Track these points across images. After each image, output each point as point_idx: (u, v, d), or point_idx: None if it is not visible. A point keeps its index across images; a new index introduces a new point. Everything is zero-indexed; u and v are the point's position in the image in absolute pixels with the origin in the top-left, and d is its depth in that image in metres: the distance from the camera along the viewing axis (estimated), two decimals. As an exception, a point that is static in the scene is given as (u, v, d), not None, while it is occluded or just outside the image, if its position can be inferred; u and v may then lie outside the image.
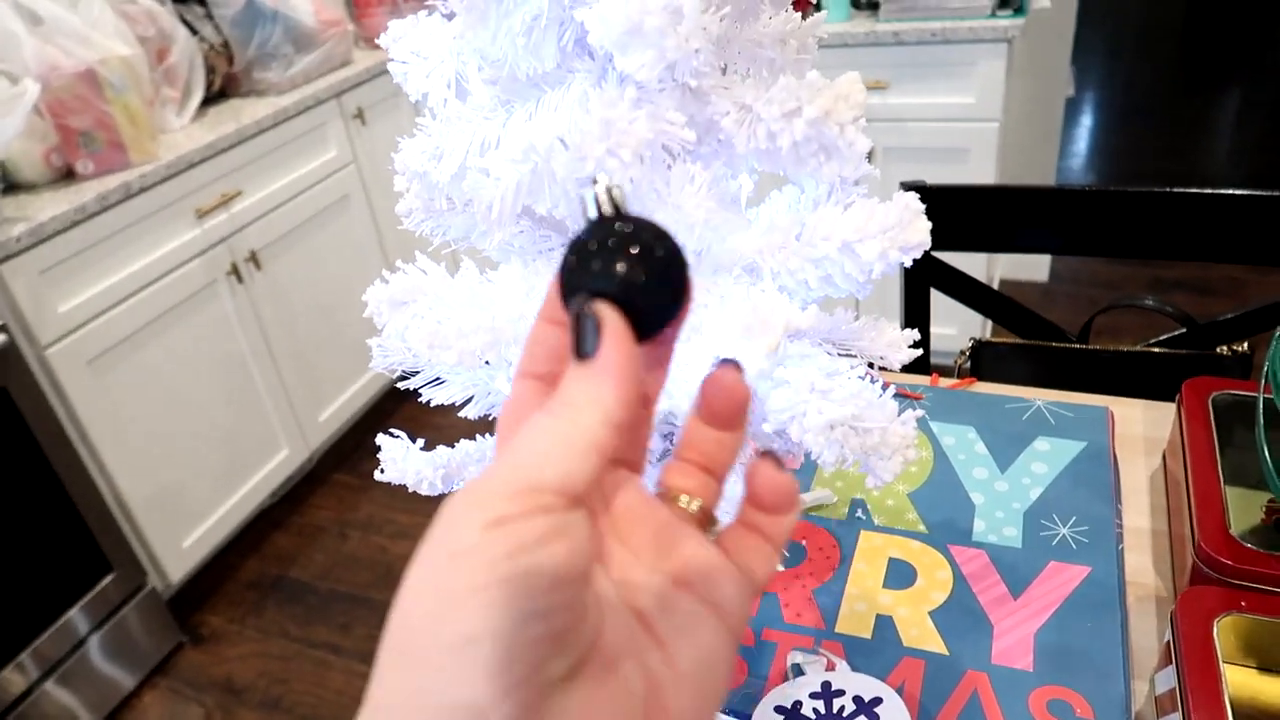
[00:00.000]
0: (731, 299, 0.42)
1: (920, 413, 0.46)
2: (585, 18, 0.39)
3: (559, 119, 0.42)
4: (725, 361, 0.28)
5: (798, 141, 0.40)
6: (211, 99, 2.10)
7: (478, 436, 0.53)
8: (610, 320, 0.24)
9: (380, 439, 0.51)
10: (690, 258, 0.42)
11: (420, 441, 0.51)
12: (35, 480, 1.57)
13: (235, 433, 1.99)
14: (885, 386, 0.47)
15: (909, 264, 0.45)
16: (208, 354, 1.90)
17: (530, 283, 0.46)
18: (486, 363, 0.44)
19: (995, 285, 2.56)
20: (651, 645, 0.25)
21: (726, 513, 0.29)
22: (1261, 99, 3.95)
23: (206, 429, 1.91)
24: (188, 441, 1.87)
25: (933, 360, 1.13)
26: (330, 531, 2.12)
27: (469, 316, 0.43)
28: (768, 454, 0.28)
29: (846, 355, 0.51)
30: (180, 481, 1.86)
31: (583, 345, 0.24)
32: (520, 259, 0.49)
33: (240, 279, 1.94)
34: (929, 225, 0.44)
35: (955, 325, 2.08)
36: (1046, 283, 2.69)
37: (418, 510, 2.14)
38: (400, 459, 0.49)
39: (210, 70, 2.08)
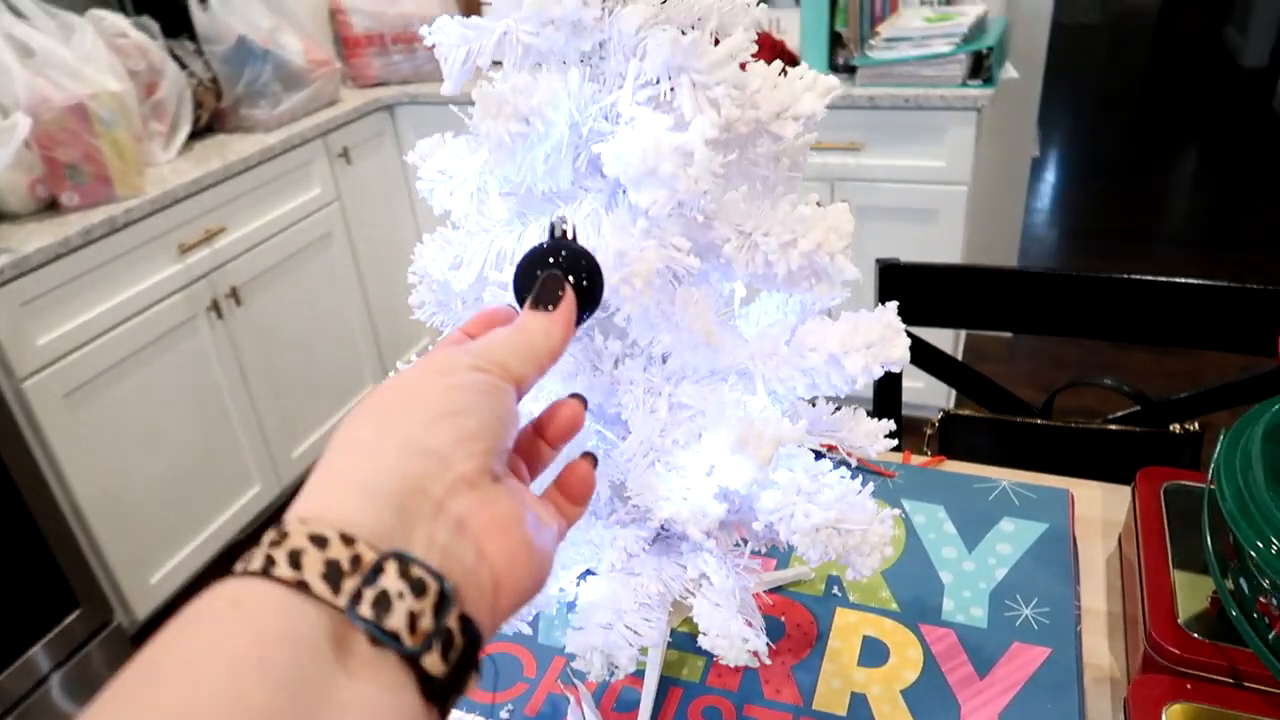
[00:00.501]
0: (726, 409, 0.45)
1: (896, 512, 0.49)
2: (602, 151, 0.43)
3: (572, 237, 0.45)
4: (586, 454, 0.39)
5: (793, 269, 0.44)
6: (198, 133, 2.12)
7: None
8: (567, 287, 0.37)
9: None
10: (691, 367, 0.46)
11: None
12: (4, 513, 1.56)
13: (208, 468, 1.98)
14: (861, 466, 0.51)
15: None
16: (184, 388, 1.90)
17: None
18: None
19: (963, 337, 2.63)
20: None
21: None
22: (1216, 163, 4.11)
23: (180, 463, 1.91)
24: (161, 476, 1.87)
25: (904, 411, 1.17)
26: (300, 568, 2.11)
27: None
28: (588, 455, 0.39)
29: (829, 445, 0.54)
30: (151, 516, 1.85)
31: (546, 298, 0.36)
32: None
33: (220, 314, 1.95)
34: (908, 342, 0.48)
35: (923, 380, 2.14)
36: (1012, 338, 2.76)
37: (389, 548, 2.13)
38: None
39: (198, 105, 2.10)
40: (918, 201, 2.02)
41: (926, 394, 2.16)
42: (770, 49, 2.12)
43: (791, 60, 2.18)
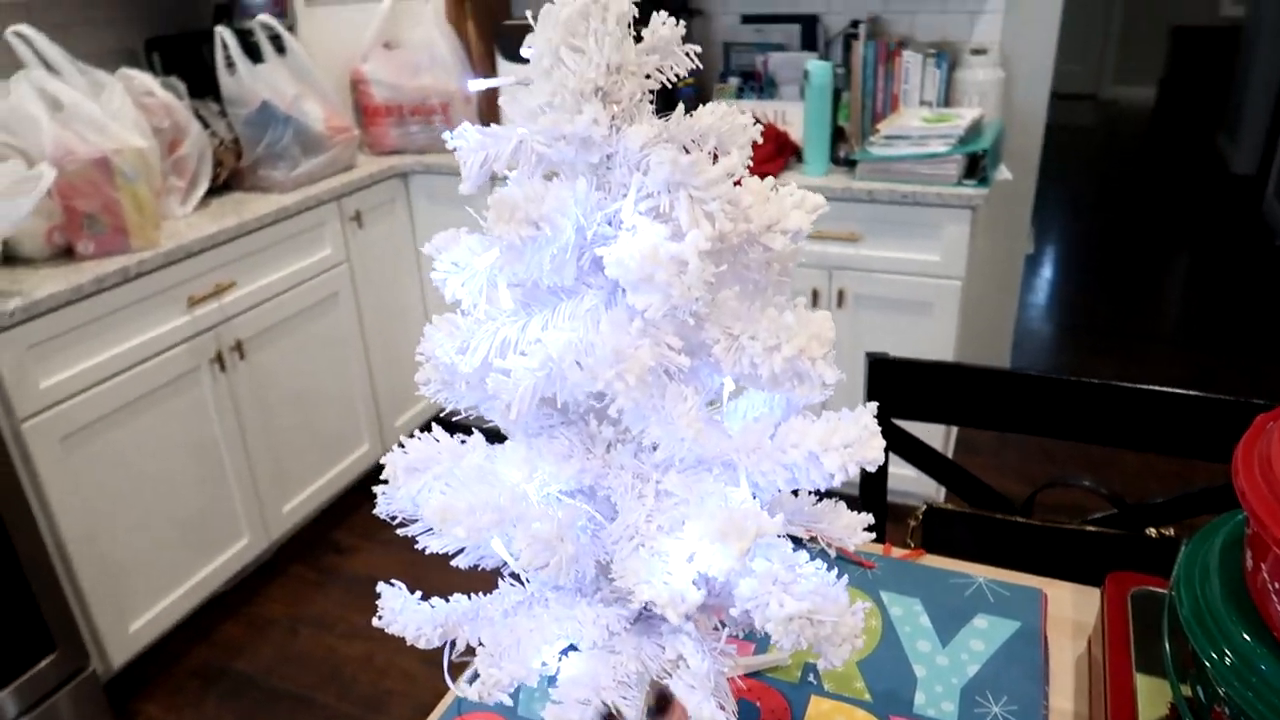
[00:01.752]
0: (709, 500, 0.48)
1: (868, 605, 0.52)
2: (604, 255, 0.47)
3: (573, 330, 0.48)
4: None
5: (776, 372, 0.47)
6: (216, 190, 2.19)
7: (472, 595, 0.57)
8: None
9: (380, 587, 0.56)
10: (678, 457, 0.48)
11: (418, 593, 0.56)
12: (-7, 556, 1.56)
13: (199, 517, 1.99)
14: (842, 556, 0.53)
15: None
16: (181, 438, 1.92)
17: (533, 463, 0.52)
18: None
19: (954, 430, 2.66)
20: None
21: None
22: (1206, 266, 4.20)
23: (170, 512, 1.92)
24: (150, 523, 1.87)
25: (891, 497, 1.19)
26: (281, 625, 2.10)
27: (478, 492, 0.49)
28: None
29: (809, 536, 0.57)
30: (136, 563, 1.85)
31: None
32: (524, 434, 0.55)
33: (223, 367, 1.98)
34: (883, 444, 0.51)
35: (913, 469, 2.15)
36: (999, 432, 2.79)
37: (371, 610, 2.12)
38: (398, 610, 0.54)
39: (218, 164, 2.17)
40: (913, 293, 2.07)
41: (916, 482, 2.18)
42: (774, 141, 2.20)
43: (794, 152, 2.26)
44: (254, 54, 2.20)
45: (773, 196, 0.51)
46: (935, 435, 2.23)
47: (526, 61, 0.48)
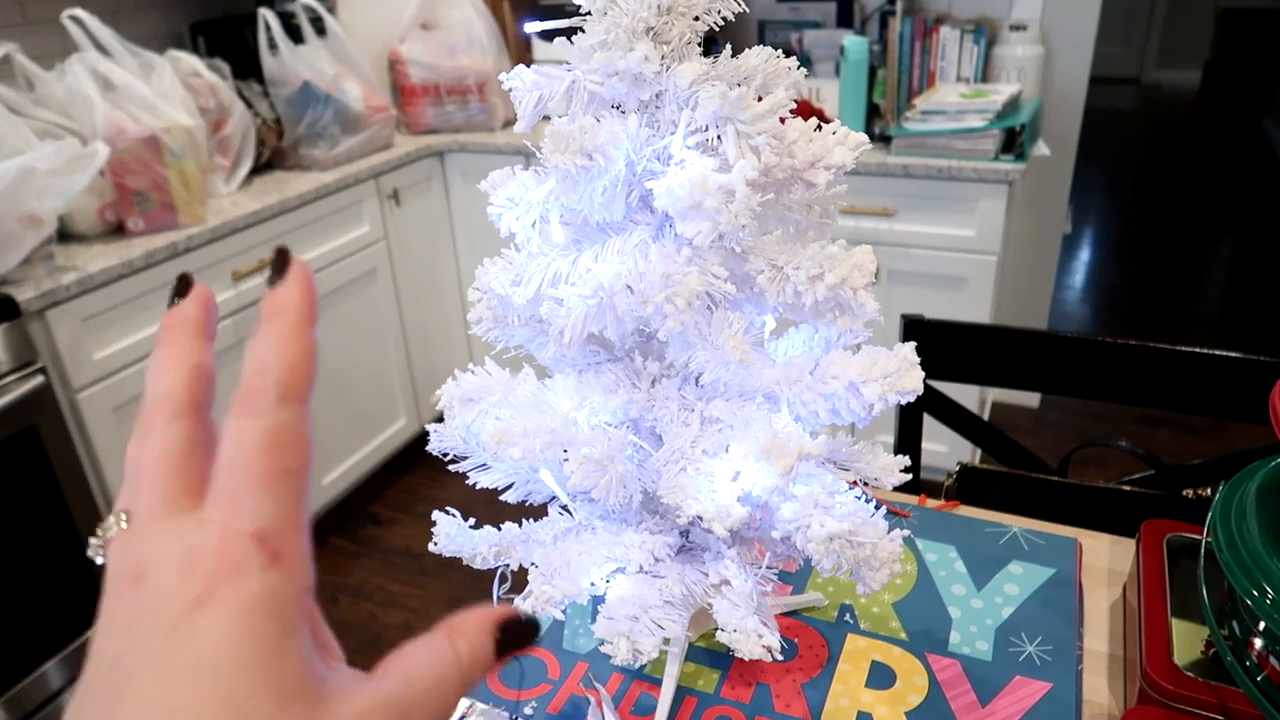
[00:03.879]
0: (753, 424, 0.50)
1: (906, 532, 0.53)
2: (654, 187, 0.49)
3: (622, 263, 0.50)
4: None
5: (819, 300, 0.49)
6: (259, 169, 2.23)
7: (523, 521, 0.60)
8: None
9: (435, 515, 0.58)
10: (723, 384, 0.50)
11: (471, 519, 0.59)
12: (50, 518, 1.62)
13: (243, 488, 2.04)
14: (878, 504, 0.55)
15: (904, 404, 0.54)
16: (225, 411, 1.97)
17: (583, 393, 0.54)
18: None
19: (989, 407, 2.65)
20: None
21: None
22: (1250, 252, 4.13)
23: (216, 482, 1.97)
24: (197, 493, 1.93)
25: (924, 474, 1.20)
26: (322, 594, 2.13)
27: (532, 418, 0.51)
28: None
29: (845, 474, 0.59)
30: (185, 532, 1.91)
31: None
32: (572, 369, 0.57)
33: (267, 341, 2.03)
34: (922, 374, 0.52)
35: (947, 444, 2.16)
36: (1037, 409, 2.78)
37: (410, 580, 2.17)
38: (454, 534, 0.56)
39: (260, 143, 2.21)
40: (947, 269, 2.07)
41: (949, 459, 2.18)
42: (808, 116, 2.19)
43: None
44: (295, 35, 2.24)
45: (816, 135, 0.53)
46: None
47: (564, 35, 0.50)
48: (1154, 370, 1.01)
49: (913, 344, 0.54)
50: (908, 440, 1.10)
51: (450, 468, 0.61)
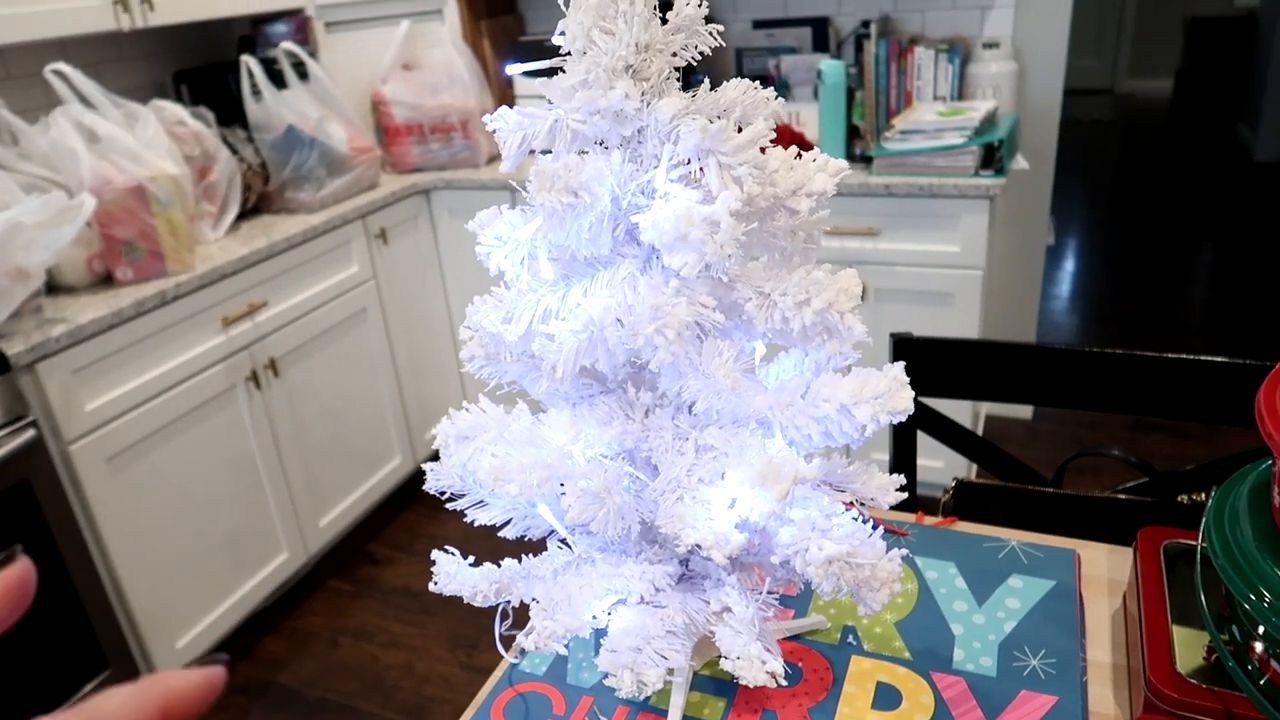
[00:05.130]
0: (747, 450, 0.50)
1: (904, 551, 0.54)
2: (639, 221, 0.49)
3: (611, 296, 0.51)
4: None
5: (806, 325, 0.50)
6: (245, 214, 2.25)
7: (523, 556, 0.60)
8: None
9: (435, 554, 0.59)
10: (715, 412, 0.51)
11: (471, 558, 0.59)
12: (45, 572, 1.61)
13: (238, 534, 2.03)
14: (875, 524, 0.55)
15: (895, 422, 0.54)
16: (220, 456, 1.97)
17: (577, 426, 0.54)
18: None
19: (982, 421, 2.66)
20: None
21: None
22: (1230, 256, 4.17)
23: (211, 528, 1.96)
24: (192, 540, 1.91)
25: (921, 491, 1.21)
26: (321, 638, 2.13)
27: (527, 453, 0.51)
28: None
29: (841, 495, 0.59)
30: (181, 580, 1.89)
31: None
32: (566, 403, 0.58)
33: (259, 385, 2.03)
34: (912, 394, 0.53)
35: (942, 459, 2.16)
36: (1030, 420, 2.79)
37: (409, 620, 2.15)
38: (453, 573, 0.56)
39: (247, 188, 2.22)
40: (934, 285, 2.09)
41: (944, 474, 2.18)
42: (789, 140, 2.22)
43: (809, 150, 2.28)
44: (278, 80, 2.26)
45: (797, 163, 0.54)
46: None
47: (544, 75, 0.51)
48: (1143, 378, 1.02)
49: (902, 364, 0.54)
50: (902, 458, 1.11)
51: (448, 505, 0.61)
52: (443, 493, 0.61)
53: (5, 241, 1.59)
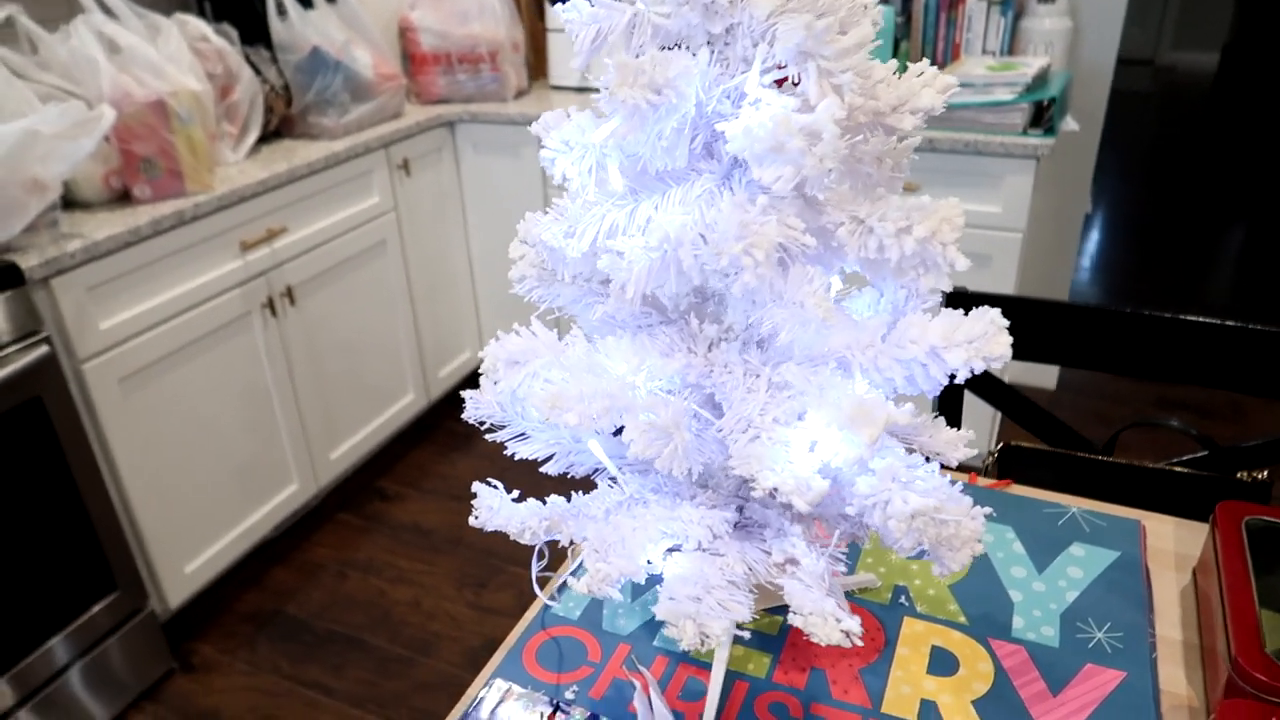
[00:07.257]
0: (829, 390, 0.46)
1: (989, 510, 0.49)
2: (726, 129, 0.44)
3: (687, 213, 0.46)
4: None
5: (905, 255, 0.45)
6: (266, 137, 2.18)
7: (573, 494, 0.56)
8: None
9: (476, 486, 0.55)
10: (793, 348, 0.46)
11: (515, 492, 0.55)
12: (56, 491, 1.58)
13: (249, 462, 2.01)
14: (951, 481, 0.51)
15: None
16: (233, 383, 1.94)
17: (640, 356, 0.50)
18: (597, 431, 0.47)
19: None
20: None
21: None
22: (1267, 237, 4.07)
23: (223, 456, 1.94)
24: (203, 466, 1.89)
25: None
26: (329, 570, 2.12)
27: (587, 382, 0.47)
28: None
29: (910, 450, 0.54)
30: (191, 505, 1.88)
31: None
32: (626, 332, 0.53)
33: (274, 313, 1.99)
34: (1010, 340, 0.48)
35: (972, 430, 2.12)
36: (1054, 391, 2.74)
37: (417, 557, 2.14)
38: (497, 508, 0.52)
39: (269, 110, 2.16)
40: (972, 246, 2.02)
41: (974, 442, 2.14)
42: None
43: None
44: (304, 0, 2.18)
45: (896, 79, 0.48)
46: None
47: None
48: (1178, 342, 0.97)
49: (998, 309, 0.50)
50: (948, 417, 1.06)
51: (487, 437, 0.57)
52: (481, 422, 0.57)
53: (22, 151, 1.54)
